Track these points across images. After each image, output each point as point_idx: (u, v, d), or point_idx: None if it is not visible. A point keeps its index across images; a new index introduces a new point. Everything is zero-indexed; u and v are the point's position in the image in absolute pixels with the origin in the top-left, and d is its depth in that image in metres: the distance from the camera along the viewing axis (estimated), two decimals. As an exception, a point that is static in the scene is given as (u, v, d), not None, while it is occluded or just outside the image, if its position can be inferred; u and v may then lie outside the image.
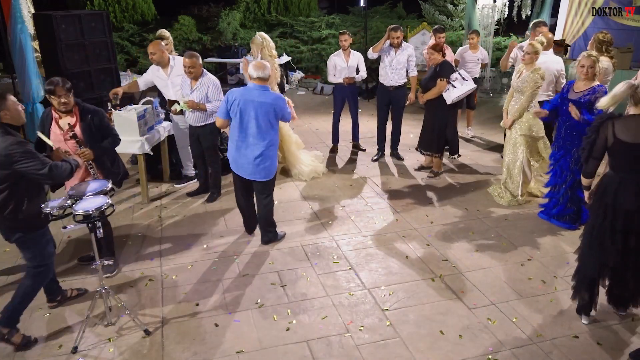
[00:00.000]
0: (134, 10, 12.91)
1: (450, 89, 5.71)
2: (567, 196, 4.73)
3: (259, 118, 4.22)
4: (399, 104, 6.56)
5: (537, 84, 4.98)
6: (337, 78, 6.66)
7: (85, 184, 3.56)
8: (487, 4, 10.11)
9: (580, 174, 4.54)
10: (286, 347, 3.35)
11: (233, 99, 4.23)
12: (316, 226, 5.01)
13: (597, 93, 4.33)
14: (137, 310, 3.68)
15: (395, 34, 6.22)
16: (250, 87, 4.27)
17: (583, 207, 4.80)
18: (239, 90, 4.30)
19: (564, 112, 4.56)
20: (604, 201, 3.31)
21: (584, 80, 4.43)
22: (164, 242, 4.72)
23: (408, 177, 6.26)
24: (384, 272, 4.21)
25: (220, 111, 4.37)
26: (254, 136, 4.26)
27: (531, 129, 5.14)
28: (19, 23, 6.01)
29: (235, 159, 4.40)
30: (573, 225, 4.82)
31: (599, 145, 3.28)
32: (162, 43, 5.56)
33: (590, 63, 4.33)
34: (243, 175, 4.42)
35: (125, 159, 6.61)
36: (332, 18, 12.89)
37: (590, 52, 4.45)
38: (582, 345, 3.35)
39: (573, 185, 4.66)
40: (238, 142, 4.33)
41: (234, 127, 4.34)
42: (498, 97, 10.14)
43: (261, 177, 4.39)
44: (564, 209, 4.79)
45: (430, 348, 3.34)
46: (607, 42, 5.42)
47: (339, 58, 6.63)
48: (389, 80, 6.43)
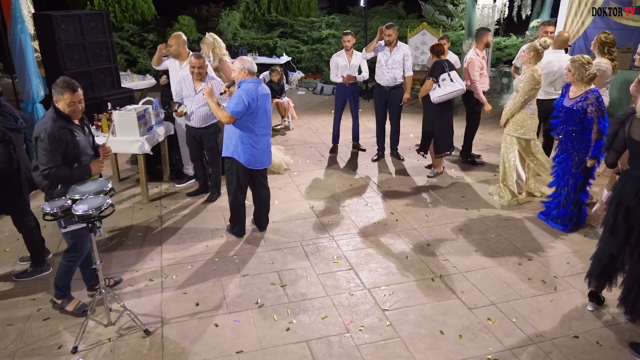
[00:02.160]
0: (134, 10, 12.91)
1: (436, 88, 5.73)
2: (570, 199, 4.72)
3: (267, 109, 4.46)
4: (395, 104, 6.55)
5: (531, 85, 4.96)
6: (339, 78, 6.67)
7: (85, 184, 3.55)
8: (487, 4, 10.11)
9: (582, 178, 4.57)
10: (286, 347, 3.35)
11: (255, 97, 4.29)
12: (316, 226, 5.01)
13: (588, 99, 4.31)
14: (137, 311, 3.68)
15: (387, 32, 6.22)
16: (256, 82, 4.38)
17: (583, 210, 4.83)
18: (252, 88, 4.29)
19: (563, 116, 4.54)
20: (614, 192, 3.43)
21: (575, 84, 4.42)
22: (164, 242, 4.72)
23: (408, 177, 6.26)
24: (384, 272, 4.21)
25: (239, 108, 4.24)
26: (267, 126, 4.51)
27: (519, 129, 5.13)
28: (19, 23, 6.00)
29: (252, 154, 4.46)
30: (567, 228, 4.83)
31: (620, 138, 3.37)
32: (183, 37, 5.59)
33: (568, 66, 4.35)
34: (260, 167, 4.59)
35: (125, 159, 6.64)
36: (332, 18, 12.89)
37: (576, 56, 4.40)
38: (582, 345, 3.35)
39: (576, 189, 4.66)
40: (254, 137, 4.42)
41: (254, 124, 4.37)
42: (498, 97, 10.14)
43: (269, 163, 4.69)
44: (567, 212, 4.78)
45: (430, 348, 3.34)
46: (610, 44, 5.30)
47: (341, 58, 6.65)
48: (385, 80, 6.42)
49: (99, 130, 5.38)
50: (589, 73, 4.30)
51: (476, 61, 6.09)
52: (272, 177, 6.28)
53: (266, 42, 12.32)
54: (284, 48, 12.09)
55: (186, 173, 6.07)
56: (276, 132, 8.22)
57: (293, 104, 8.51)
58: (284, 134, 8.13)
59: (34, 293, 3.94)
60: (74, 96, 3.41)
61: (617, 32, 8.94)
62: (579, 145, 4.49)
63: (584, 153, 4.48)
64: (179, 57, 5.58)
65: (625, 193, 3.32)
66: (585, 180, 4.65)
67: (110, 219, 4.80)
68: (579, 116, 4.37)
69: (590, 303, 3.68)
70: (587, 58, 4.34)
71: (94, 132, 5.26)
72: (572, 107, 4.40)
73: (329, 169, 6.56)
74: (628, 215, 3.32)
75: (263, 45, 12.28)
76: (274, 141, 7.59)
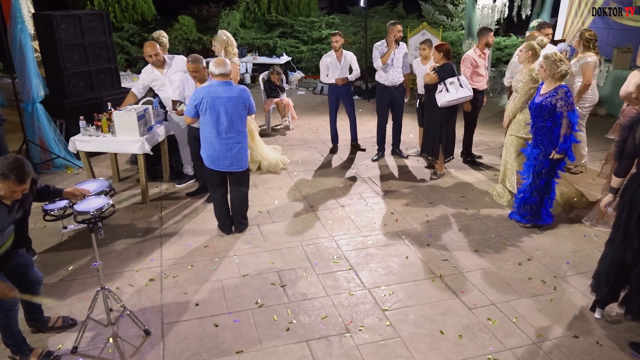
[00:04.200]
0: (134, 10, 12.92)
1: (443, 91, 5.66)
2: (534, 186, 4.69)
3: (228, 113, 4.40)
4: (400, 103, 6.59)
5: (530, 85, 4.96)
6: (330, 78, 6.68)
7: (84, 184, 3.56)
8: (487, 4, 10.12)
9: (548, 164, 4.54)
10: (286, 347, 3.35)
11: (201, 98, 4.39)
12: (316, 226, 5.01)
13: (557, 94, 4.33)
14: (137, 311, 3.68)
15: (399, 28, 6.27)
16: (215, 84, 4.42)
17: (547, 204, 4.78)
18: (204, 88, 4.45)
19: (533, 112, 4.55)
20: (623, 199, 3.34)
21: (547, 80, 4.44)
22: (164, 242, 4.72)
23: (408, 177, 6.26)
24: (384, 272, 4.21)
25: (189, 110, 4.52)
26: (226, 130, 4.45)
27: (521, 130, 5.13)
28: (19, 23, 6.00)
29: (210, 155, 4.55)
30: (525, 220, 4.83)
31: (630, 145, 3.28)
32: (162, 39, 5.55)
33: (542, 62, 4.37)
34: (221, 169, 4.59)
35: (124, 159, 6.64)
36: (332, 18, 12.90)
37: (549, 53, 4.43)
38: (582, 345, 3.35)
39: (540, 174, 4.62)
40: (212, 138, 4.49)
41: (205, 125, 4.50)
42: (498, 97, 10.14)
43: (238, 168, 4.61)
44: (529, 198, 4.75)
45: (430, 348, 3.34)
46: (594, 40, 5.76)
47: (331, 59, 6.64)
48: (390, 80, 6.42)
49: (99, 130, 5.37)
50: (560, 70, 4.32)
51: (470, 58, 6.12)
52: (272, 177, 6.28)
53: (266, 42, 12.32)
54: (284, 48, 12.09)
55: (186, 173, 6.07)
56: (276, 132, 8.22)
57: (293, 104, 8.50)
58: (284, 134, 8.13)
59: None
60: (18, 187, 2.75)
61: (617, 32, 8.97)
62: (548, 142, 4.50)
63: (551, 149, 4.49)
64: (156, 64, 5.48)
65: (638, 199, 3.21)
66: (552, 170, 4.61)
67: (111, 219, 4.80)
68: (548, 111, 4.39)
69: (598, 310, 3.59)
70: (559, 56, 4.38)
71: (93, 131, 5.32)
72: (542, 103, 4.42)
73: (329, 169, 6.56)
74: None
75: (263, 45, 12.28)
76: (274, 141, 7.61)
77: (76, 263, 4.36)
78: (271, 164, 6.42)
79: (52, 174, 6.33)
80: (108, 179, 4.49)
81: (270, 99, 8.24)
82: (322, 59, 6.77)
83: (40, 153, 6.34)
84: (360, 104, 9.65)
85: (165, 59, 5.53)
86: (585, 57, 5.70)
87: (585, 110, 5.96)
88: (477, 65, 6.13)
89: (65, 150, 6.43)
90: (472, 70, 6.13)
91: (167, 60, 5.53)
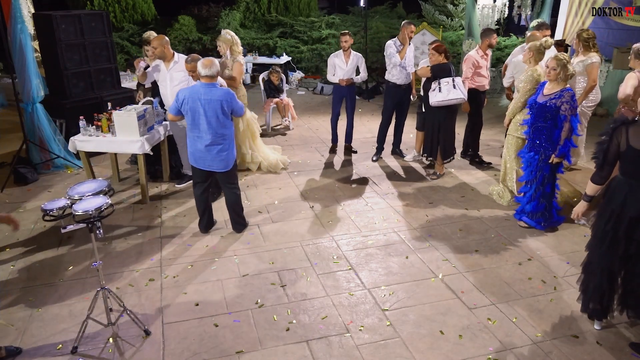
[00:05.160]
0: (134, 10, 12.91)
1: (436, 90, 5.66)
2: (539, 192, 4.73)
3: (207, 114, 4.41)
4: (407, 102, 6.66)
5: (531, 85, 4.95)
6: (336, 78, 6.65)
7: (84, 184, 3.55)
8: (487, 4, 10.11)
9: (548, 170, 4.55)
10: (286, 347, 3.35)
11: (183, 98, 4.44)
12: (316, 226, 5.01)
13: (562, 97, 4.34)
14: (137, 311, 3.68)
15: (412, 28, 6.29)
16: (197, 86, 4.45)
17: (554, 203, 4.82)
18: (187, 89, 4.50)
19: (535, 112, 4.55)
20: (610, 206, 3.23)
21: (552, 82, 4.44)
22: (164, 242, 4.72)
23: (408, 177, 6.26)
24: (384, 272, 4.21)
25: (172, 108, 4.58)
26: (205, 131, 4.46)
27: (519, 129, 5.13)
28: (19, 23, 6.00)
29: (192, 153, 4.61)
30: (540, 226, 4.83)
31: (612, 151, 3.17)
32: (165, 38, 5.53)
33: (554, 65, 4.35)
34: (202, 167, 4.62)
35: (124, 159, 6.64)
36: (332, 18, 12.88)
37: (559, 55, 4.43)
38: (582, 345, 3.35)
39: (543, 181, 4.66)
40: (193, 137, 4.54)
41: (188, 125, 4.56)
42: (498, 97, 10.14)
43: (220, 168, 4.61)
44: (538, 205, 4.78)
45: (430, 348, 3.34)
46: (593, 38, 5.78)
47: (339, 59, 6.61)
48: (403, 79, 6.42)
49: (99, 130, 5.37)
50: (569, 72, 4.36)
51: (472, 58, 6.12)
52: (272, 177, 6.28)
53: (266, 42, 12.32)
54: (284, 48, 12.08)
55: (186, 173, 6.07)
56: (276, 132, 8.22)
57: (293, 104, 8.50)
58: (284, 134, 8.13)
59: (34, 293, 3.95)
60: None
61: (617, 32, 8.96)
62: (547, 143, 4.50)
63: (550, 151, 4.50)
64: (164, 58, 5.50)
65: (630, 205, 3.13)
66: (553, 174, 4.64)
67: (111, 219, 4.80)
68: (550, 112, 4.39)
69: (597, 322, 3.49)
70: (567, 57, 4.40)
71: (93, 131, 5.33)
72: (545, 103, 4.42)
73: (329, 169, 6.56)
74: (632, 229, 3.15)
75: (263, 45, 12.28)
76: (274, 141, 7.61)
77: (76, 263, 4.36)
78: (271, 164, 6.42)
79: (52, 174, 6.33)
80: (108, 179, 4.49)
81: (270, 99, 8.24)
82: (329, 58, 6.75)
83: (40, 153, 6.34)
84: (360, 104, 9.64)
85: (175, 56, 5.50)
86: (590, 58, 5.74)
87: (589, 109, 6.00)
88: (479, 65, 6.14)
89: (65, 150, 6.43)
90: (474, 71, 6.14)
91: (175, 58, 5.51)
